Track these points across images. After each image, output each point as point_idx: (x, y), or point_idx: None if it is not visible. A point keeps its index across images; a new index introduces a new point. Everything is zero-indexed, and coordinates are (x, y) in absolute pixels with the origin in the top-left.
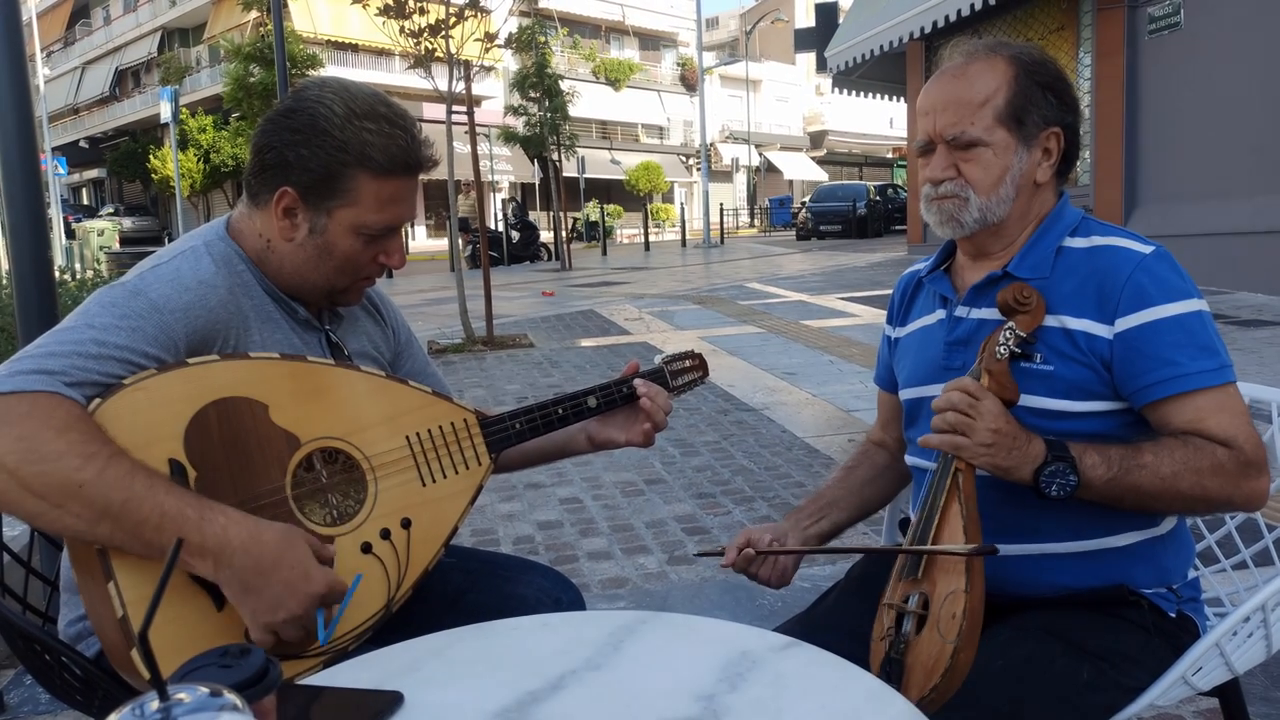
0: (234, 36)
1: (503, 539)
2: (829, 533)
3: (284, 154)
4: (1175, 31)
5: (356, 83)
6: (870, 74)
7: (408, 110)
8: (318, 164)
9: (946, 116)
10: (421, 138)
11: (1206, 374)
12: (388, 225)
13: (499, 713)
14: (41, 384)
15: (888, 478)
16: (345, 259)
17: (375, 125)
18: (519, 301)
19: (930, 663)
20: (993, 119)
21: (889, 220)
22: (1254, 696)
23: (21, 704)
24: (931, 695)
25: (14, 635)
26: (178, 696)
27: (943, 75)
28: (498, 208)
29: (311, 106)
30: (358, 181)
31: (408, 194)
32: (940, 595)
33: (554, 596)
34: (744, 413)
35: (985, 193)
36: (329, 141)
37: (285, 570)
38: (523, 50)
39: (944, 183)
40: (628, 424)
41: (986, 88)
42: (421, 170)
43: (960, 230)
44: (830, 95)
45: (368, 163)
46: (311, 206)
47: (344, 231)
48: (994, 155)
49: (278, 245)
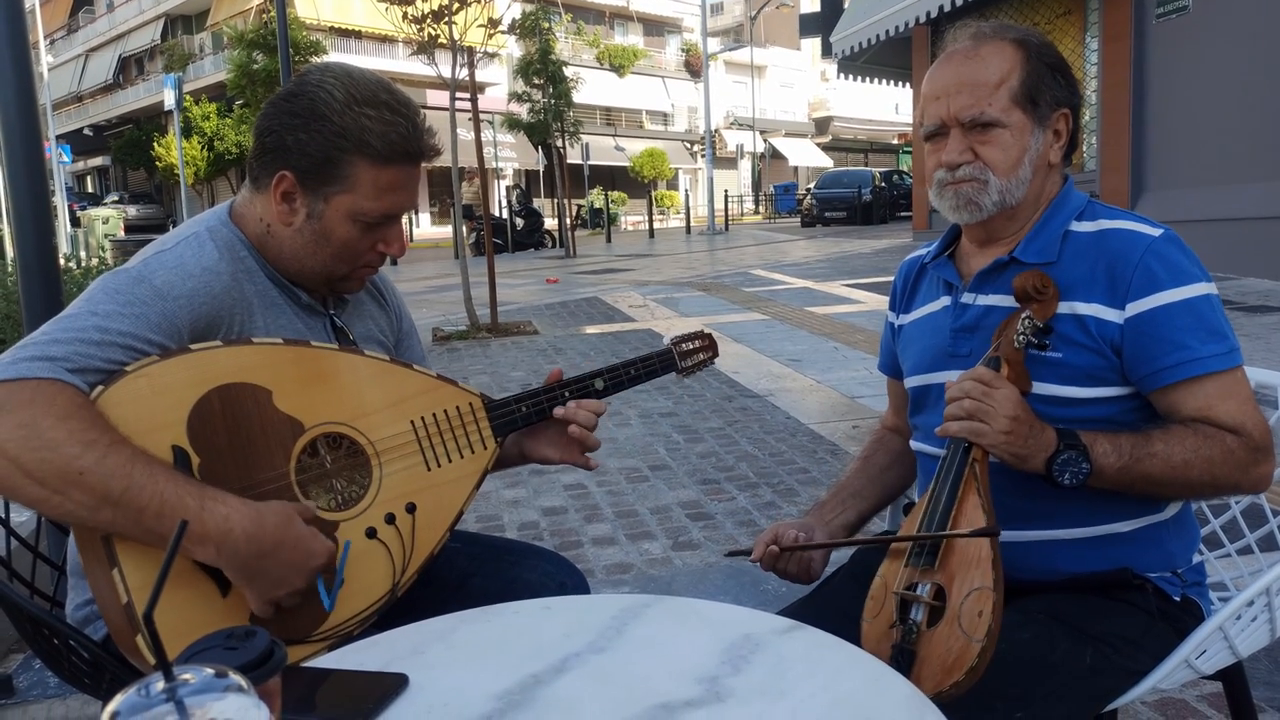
0: (237, 23)
1: (508, 525)
2: (855, 523)
3: (283, 138)
4: (1183, 16)
5: (361, 69)
6: (875, 59)
7: (412, 99)
8: (316, 149)
9: (961, 99)
10: (424, 126)
11: (1217, 358)
12: (385, 214)
13: (502, 695)
14: (44, 370)
15: (906, 462)
16: (342, 246)
17: (375, 112)
18: (523, 289)
19: (949, 658)
20: (1009, 100)
21: (894, 207)
22: (1258, 680)
23: (31, 687)
24: (951, 690)
25: (22, 619)
26: (183, 677)
27: (952, 57)
28: (502, 195)
29: (313, 91)
30: (355, 168)
31: (407, 182)
32: (962, 590)
33: (558, 581)
34: (748, 399)
35: (1005, 174)
36: (328, 127)
37: (288, 550)
38: (526, 36)
39: (961, 166)
40: (563, 442)
41: (1000, 69)
42: (423, 159)
43: (978, 214)
44: (835, 81)
45: (365, 149)
46: (309, 191)
47: (341, 218)
48: (1012, 136)
49: (277, 230)
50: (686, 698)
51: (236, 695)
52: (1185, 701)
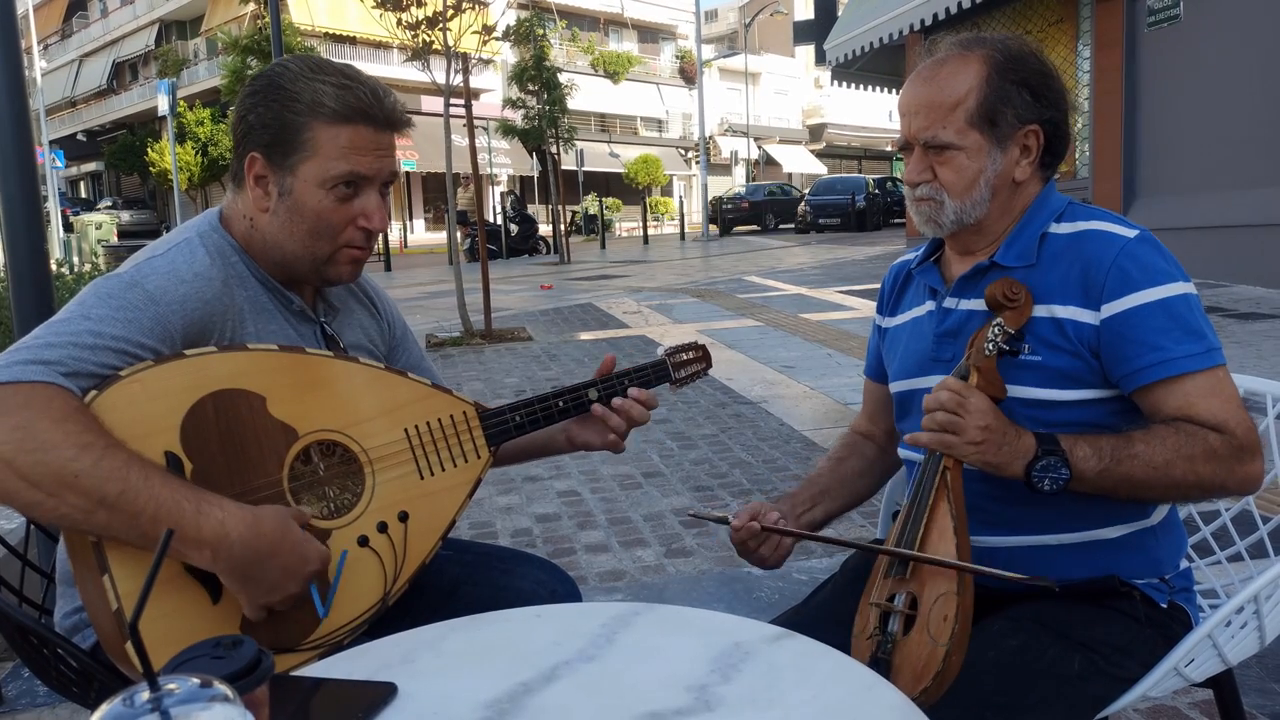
0: (232, 29)
1: (501, 532)
2: (821, 521)
3: (247, 119)
4: (1174, 24)
5: (329, 61)
6: (869, 67)
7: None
8: (273, 117)
9: (919, 120)
10: (388, 97)
11: (1193, 358)
12: (351, 173)
13: (492, 703)
14: (38, 374)
15: (877, 470)
16: (316, 217)
17: (332, 78)
18: (517, 295)
19: (920, 665)
20: (964, 122)
21: (888, 213)
22: (1249, 688)
23: (19, 696)
24: (921, 698)
25: (10, 627)
26: (168, 687)
27: (917, 77)
28: (496, 201)
29: (271, 70)
30: (313, 131)
31: (371, 144)
32: (930, 596)
33: (550, 589)
34: (742, 406)
35: (959, 196)
36: (282, 94)
37: (284, 555)
38: (521, 43)
39: (920, 185)
40: (605, 428)
41: (957, 91)
42: (387, 124)
43: (940, 230)
44: (829, 88)
45: (320, 109)
46: (276, 166)
47: (310, 188)
48: (967, 158)
49: (258, 220)
50: (676, 706)
51: (222, 705)
52: (1177, 709)
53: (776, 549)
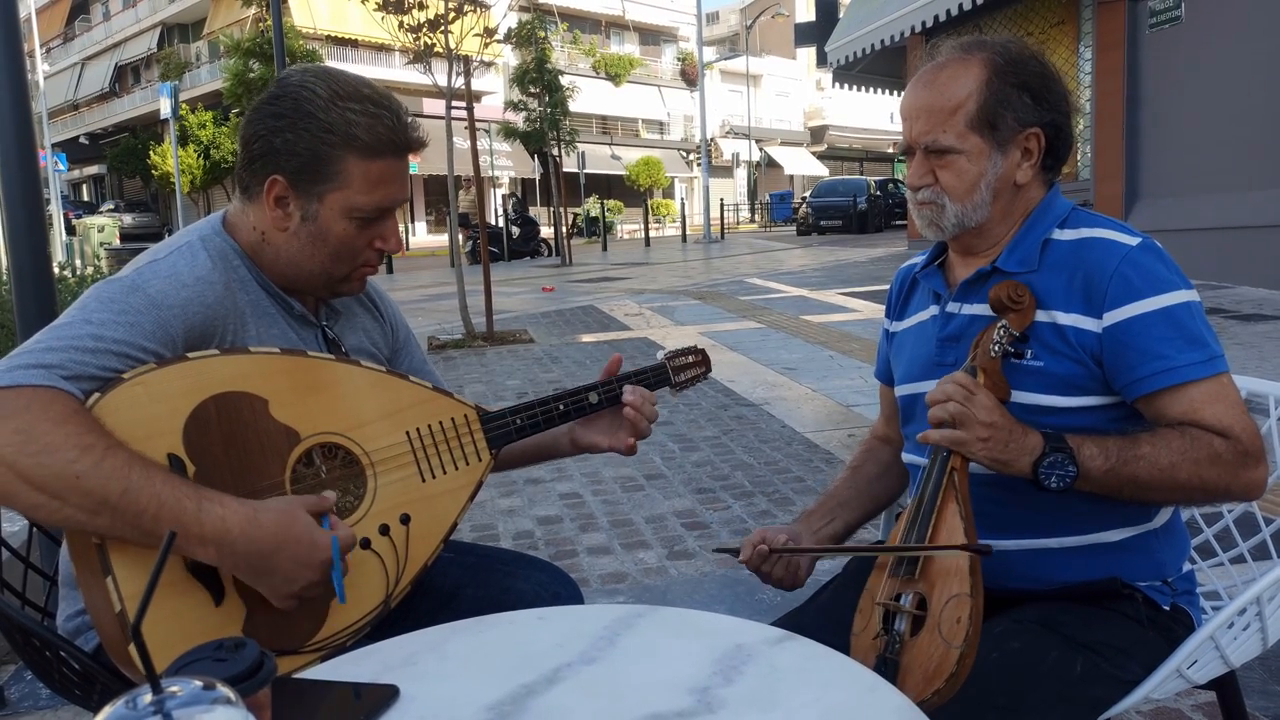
0: (233, 32)
1: (503, 534)
2: (842, 533)
3: (271, 141)
4: (1176, 25)
5: (340, 69)
6: (871, 68)
7: (396, 96)
8: (304, 147)
9: (920, 124)
10: (408, 119)
11: (1196, 366)
12: (379, 206)
13: (494, 706)
14: (39, 378)
15: (895, 472)
16: (340, 244)
17: (360, 106)
18: (519, 297)
19: (931, 666)
20: (964, 126)
21: (889, 215)
22: (1252, 690)
23: (22, 699)
24: (933, 698)
25: (12, 630)
26: (171, 689)
27: (918, 80)
28: (498, 203)
29: (295, 91)
30: (346, 164)
31: (397, 175)
32: (941, 598)
33: (552, 591)
34: (744, 408)
35: (960, 199)
36: (314, 124)
37: (291, 547)
38: (522, 45)
39: (921, 189)
40: (612, 429)
41: (957, 94)
42: (410, 150)
43: (941, 234)
44: (831, 90)
45: (354, 143)
46: (302, 193)
47: (336, 216)
48: (967, 162)
49: (273, 237)
50: (678, 708)
51: (224, 708)
52: (1180, 711)
53: (789, 569)
